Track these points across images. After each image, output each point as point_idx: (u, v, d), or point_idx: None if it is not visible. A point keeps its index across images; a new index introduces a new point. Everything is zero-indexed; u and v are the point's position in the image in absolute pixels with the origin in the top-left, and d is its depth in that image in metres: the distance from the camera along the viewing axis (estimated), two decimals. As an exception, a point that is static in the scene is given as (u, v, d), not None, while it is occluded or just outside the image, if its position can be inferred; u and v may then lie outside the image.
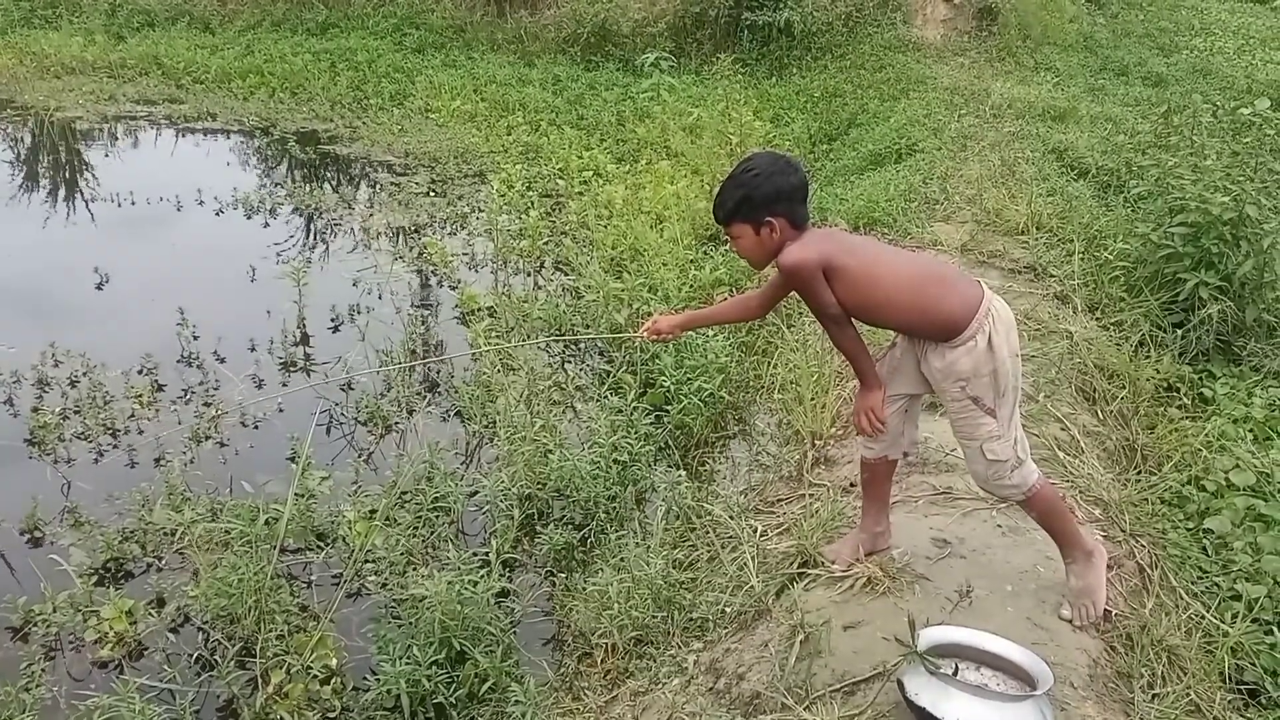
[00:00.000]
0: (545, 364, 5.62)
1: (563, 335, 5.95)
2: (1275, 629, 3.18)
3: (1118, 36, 14.34)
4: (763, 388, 5.20)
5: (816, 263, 2.77)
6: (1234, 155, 5.64)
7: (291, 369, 5.57)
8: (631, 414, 4.80)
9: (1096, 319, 5.33)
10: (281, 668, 3.35)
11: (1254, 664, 3.08)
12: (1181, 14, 15.64)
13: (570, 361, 5.84)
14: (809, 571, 3.25)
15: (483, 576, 3.56)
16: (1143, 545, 3.47)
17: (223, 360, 5.57)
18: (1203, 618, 3.19)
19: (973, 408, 2.81)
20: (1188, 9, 16.14)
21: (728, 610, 3.30)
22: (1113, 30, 14.68)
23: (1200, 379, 5.04)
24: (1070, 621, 2.94)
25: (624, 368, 5.42)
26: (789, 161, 2.86)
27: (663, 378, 5.16)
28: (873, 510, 3.20)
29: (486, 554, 3.81)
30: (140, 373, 5.37)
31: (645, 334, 3.40)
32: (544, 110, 11.20)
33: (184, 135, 10.67)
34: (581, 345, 5.98)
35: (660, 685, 3.10)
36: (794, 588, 3.21)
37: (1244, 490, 3.97)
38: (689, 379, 5.07)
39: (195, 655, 3.51)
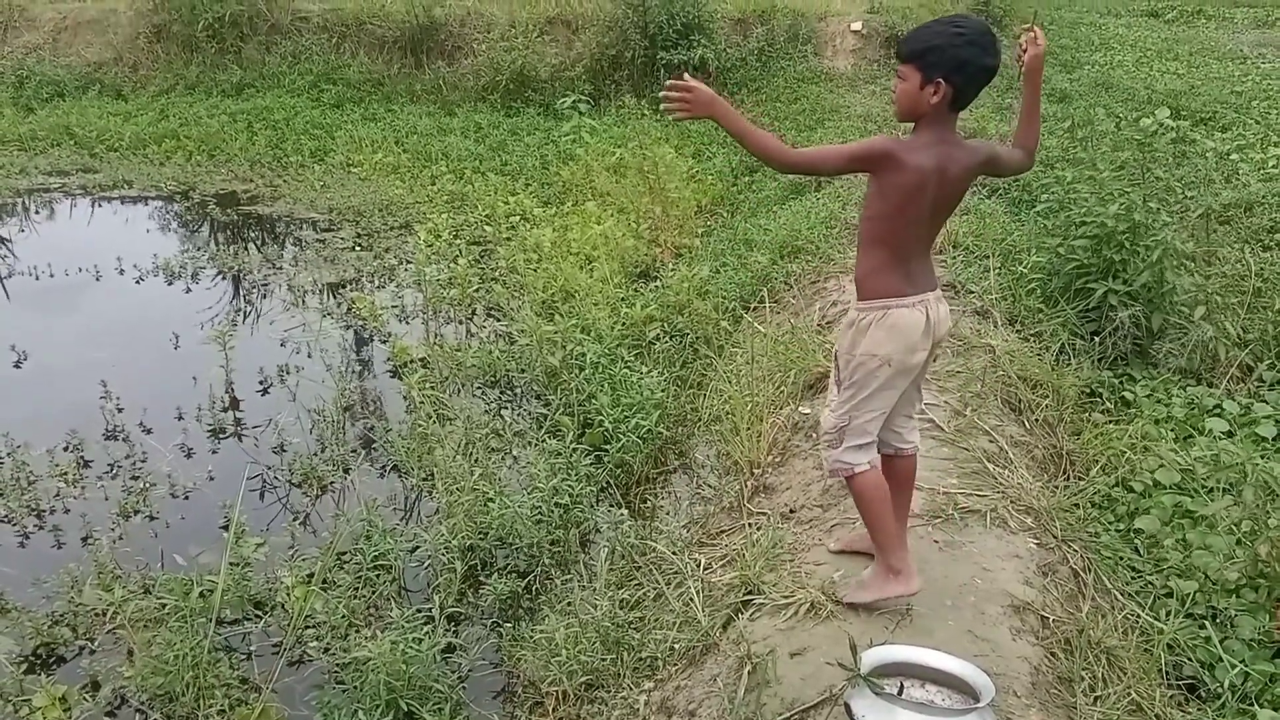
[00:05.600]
0: (482, 411, 5.59)
1: None
2: (1208, 622, 3.26)
3: (1021, 57, 14.81)
4: (699, 420, 5.24)
5: (891, 150, 2.82)
6: (1120, 168, 5.83)
7: (221, 435, 5.47)
8: (571, 455, 4.78)
9: (1017, 331, 5.46)
10: (224, 744, 3.27)
11: (1190, 658, 3.15)
12: (1081, 30, 16.24)
13: (507, 407, 5.81)
14: (754, 599, 3.26)
15: (427, 633, 3.52)
16: (1075, 550, 3.54)
17: (149, 431, 5.44)
18: (1138, 617, 3.26)
19: (835, 366, 2.90)
20: (1087, 26, 16.79)
21: (676, 647, 3.30)
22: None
23: (1121, 383, 5.18)
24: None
25: (561, 409, 5.42)
26: (995, 42, 2.76)
27: (600, 417, 5.17)
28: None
29: (430, 610, 3.77)
30: (65, 449, 5.22)
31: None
32: (467, 158, 11.24)
33: (100, 205, 10.47)
34: (517, 390, 5.97)
35: (613, 728, 3.09)
36: (739, 619, 3.22)
37: (1170, 488, 4.08)
38: (626, 417, 5.09)
39: (134, 738, 3.41)
